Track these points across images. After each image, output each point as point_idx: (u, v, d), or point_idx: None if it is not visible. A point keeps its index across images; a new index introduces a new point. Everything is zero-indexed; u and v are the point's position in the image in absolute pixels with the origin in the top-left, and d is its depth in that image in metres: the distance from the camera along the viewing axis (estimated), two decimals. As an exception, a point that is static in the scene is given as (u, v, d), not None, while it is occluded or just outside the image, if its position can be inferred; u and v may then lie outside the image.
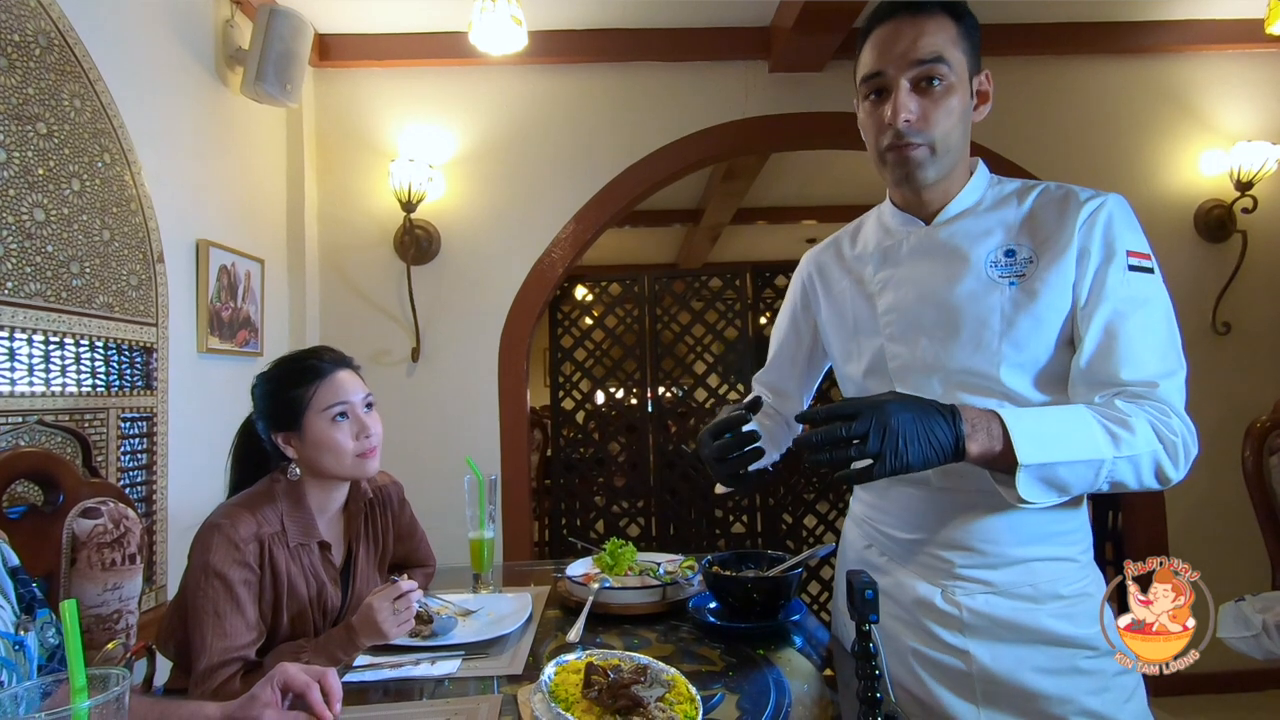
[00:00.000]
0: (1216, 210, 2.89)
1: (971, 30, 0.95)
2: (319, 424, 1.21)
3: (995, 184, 1.02)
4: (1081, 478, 0.83)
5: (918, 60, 0.92)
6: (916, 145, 0.94)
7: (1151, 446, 0.84)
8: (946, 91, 0.92)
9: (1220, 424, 2.75)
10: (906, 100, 0.92)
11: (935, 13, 0.93)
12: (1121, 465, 0.83)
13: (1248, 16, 2.78)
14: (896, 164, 0.96)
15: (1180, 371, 0.90)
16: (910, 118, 0.92)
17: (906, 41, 0.92)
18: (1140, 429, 0.84)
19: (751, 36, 2.84)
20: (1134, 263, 0.91)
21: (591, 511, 3.35)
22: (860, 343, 1.08)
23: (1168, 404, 0.87)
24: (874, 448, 0.77)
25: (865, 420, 0.78)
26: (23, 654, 0.74)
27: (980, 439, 0.82)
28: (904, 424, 0.79)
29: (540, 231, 2.86)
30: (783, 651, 1.09)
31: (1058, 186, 0.98)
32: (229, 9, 2.37)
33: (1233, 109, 2.95)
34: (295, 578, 1.20)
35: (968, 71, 0.94)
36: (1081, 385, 0.91)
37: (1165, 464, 0.85)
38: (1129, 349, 0.88)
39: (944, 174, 0.98)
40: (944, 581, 0.98)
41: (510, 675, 1.03)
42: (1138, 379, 0.88)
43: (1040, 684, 0.92)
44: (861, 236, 1.12)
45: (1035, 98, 2.95)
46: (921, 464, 0.79)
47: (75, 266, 1.62)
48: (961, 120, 0.95)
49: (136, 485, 1.82)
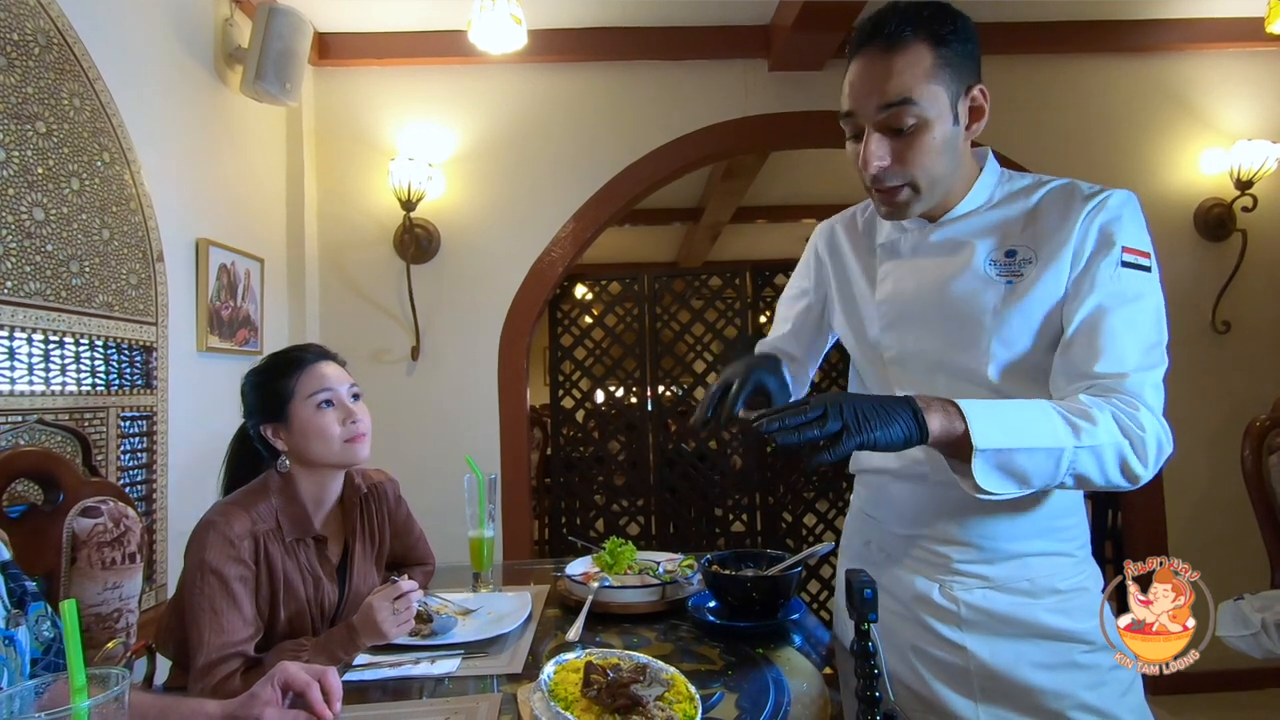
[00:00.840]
0: (1216, 209, 2.89)
1: (959, 52, 0.88)
2: (304, 411, 1.22)
3: (1005, 180, 1.00)
4: (1041, 467, 0.80)
5: (884, 104, 0.87)
6: (897, 188, 0.92)
7: (1114, 439, 0.81)
8: (919, 131, 0.88)
9: (1220, 422, 2.76)
10: (876, 148, 0.89)
11: (909, 44, 0.87)
12: (1083, 456, 0.80)
13: (1248, 15, 2.78)
14: (881, 203, 0.96)
15: (1158, 368, 0.87)
16: (882, 164, 0.90)
17: (875, 82, 0.88)
18: (1103, 420, 0.81)
19: (751, 35, 2.84)
20: (1128, 259, 0.89)
21: (591, 510, 3.35)
22: (860, 327, 1.08)
23: (1136, 397, 0.84)
24: (835, 424, 0.76)
25: (819, 404, 0.78)
26: (14, 649, 0.74)
27: (938, 416, 0.80)
28: (860, 405, 0.78)
29: (540, 230, 2.86)
30: (782, 650, 1.09)
31: (1066, 183, 0.96)
32: (228, 7, 2.37)
33: (1233, 107, 2.95)
34: (291, 573, 1.20)
35: (948, 101, 0.89)
36: (1060, 376, 0.90)
37: (1131, 459, 0.82)
38: (1109, 342, 0.86)
39: (935, 202, 0.96)
40: (941, 577, 0.98)
41: (510, 674, 1.03)
42: (1110, 371, 0.85)
43: (1037, 678, 0.92)
44: (875, 221, 1.10)
45: (1036, 96, 2.95)
46: (886, 438, 0.77)
47: (75, 265, 1.62)
48: (945, 150, 0.90)
49: (136, 484, 1.82)
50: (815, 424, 0.77)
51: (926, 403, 0.81)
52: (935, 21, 0.88)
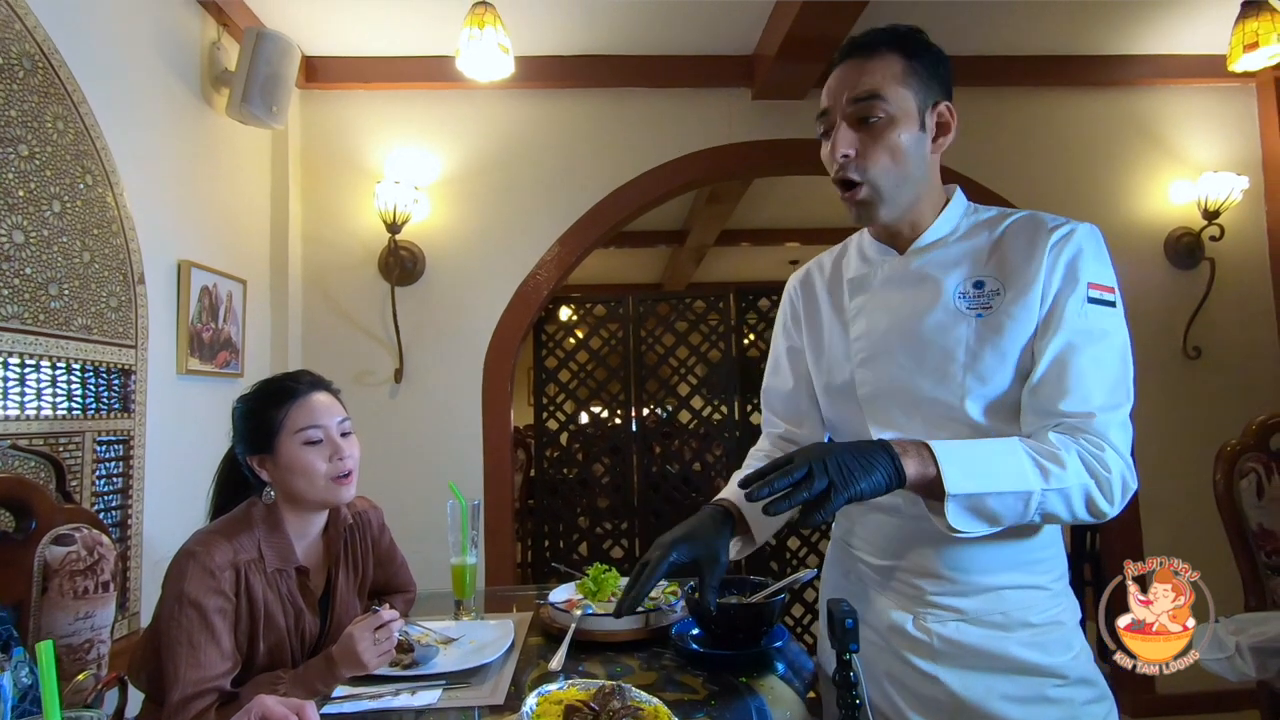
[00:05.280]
0: (1185, 238, 2.98)
1: (929, 66, 0.96)
2: (291, 447, 1.19)
3: (971, 213, 1.03)
4: (1010, 508, 0.84)
5: (854, 98, 0.95)
6: (859, 187, 0.96)
7: (1082, 480, 0.84)
8: (885, 126, 0.94)
9: (1192, 447, 2.81)
10: (844, 136, 0.96)
11: (882, 52, 0.95)
12: (1051, 497, 0.84)
13: (1213, 52, 2.89)
14: (848, 205, 1.00)
15: (1124, 406, 0.90)
16: (848, 151, 0.95)
17: (849, 80, 0.96)
18: (1070, 463, 0.84)
19: (735, 64, 2.90)
20: (1094, 295, 0.91)
21: (575, 533, 3.33)
22: (834, 367, 1.09)
23: (1103, 437, 0.87)
24: (821, 482, 0.80)
25: (803, 462, 0.81)
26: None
27: (913, 460, 0.83)
28: (841, 457, 0.82)
29: (525, 253, 2.88)
30: (765, 679, 1.09)
31: (1029, 215, 0.99)
32: (215, 31, 2.38)
33: (1199, 140, 3.05)
34: (272, 605, 1.18)
35: (916, 106, 0.95)
36: (1030, 413, 0.92)
37: (1097, 498, 0.85)
38: (1076, 381, 0.89)
39: (901, 212, 0.99)
40: (916, 608, 0.99)
41: (492, 705, 1.02)
42: (1077, 410, 0.88)
43: (1009, 712, 0.93)
44: (843, 262, 1.13)
45: (1011, 128, 3.03)
46: (870, 488, 0.81)
47: (54, 288, 1.60)
48: (910, 154, 0.95)
49: (111, 510, 1.78)
50: (803, 486, 0.80)
51: (902, 448, 0.84)
52: (908, 39, 0.97)
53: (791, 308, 1.20)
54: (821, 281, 1.15)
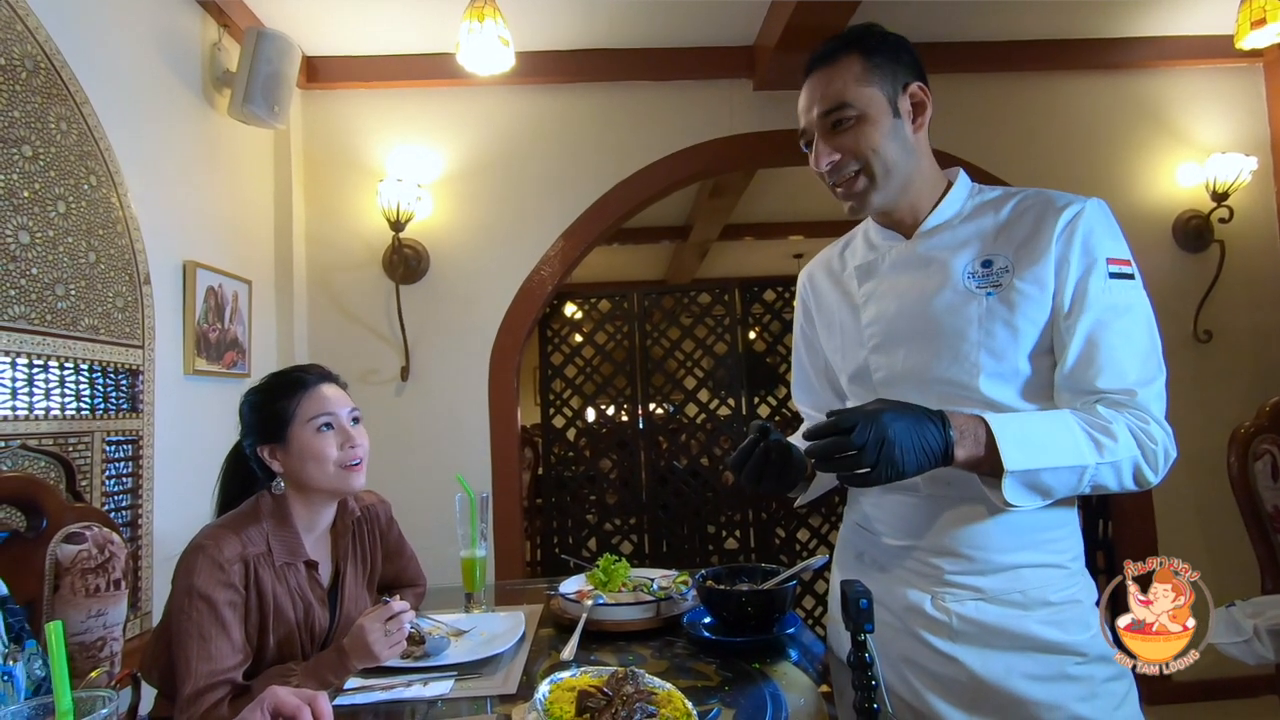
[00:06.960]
0: (1194, 221, 2.95)
1: (889, 56, 0.98)
2: (304, 434, 1.20)
3: (975, 194, 1.04)
4: (1065, 482, 0.87)
5: (824, 111, 0.98)
6: (853, 176, 0.99)
7: (1132, 453, 0.87)
8: (858, 123, 0.97)
9: (1205, 430, 2.78)
10: (823, 148, 0.99)
11: (841, 58, 0.98)
12: (1104, 470, 0.87)
13: (1219, 33, 2.86)
14: (844, 198, 1.03)
15: (1159, 378, 0.93)
16: (831, 160, 0.99)
17: (816, 94, 0.99)
18: (1122, 436, 0.87)
19: (736, 56, 2.88)
20: (1114, 270, 0.92)
21: (584, 529, 3.32)
22: (848, 354, 1.10)
23: (1146, 411, 0.90)
24: (870, 460, 0.81)
25: (862, 433, 0.81)
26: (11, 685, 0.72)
27: (968, 444, 0.85)
28: (899, 434, 0.82)
29: (529, 249, 2.87)
30: (778, 665, 1.08)
31: (1036, 193, 0.99)
32: (216, 32, 2.38)
33: (1206, 122, 3.02)
34: (281, 598, 1.18)
35: (884, 97, 0.97)
36: (1065, 392, 0.94)
37: (1144, 468, 0.89)
38: (1110, 358, 0.91)
39: (895, 197, 1.01)
40: (934, 588, 0.98)
41: (504, 695, 1.02)
42: (1117, 387, 0.91)
43: (1029, 690, 0.92)
44: (850, 251, 1.15)
45: (1016, 113, 3.01)
46: (915, 471, 0.83)
47: (60, 289, 1.61)
48: (890, 139, 0.97)
49: (121, 509, 1.79)
50: (851, 461, 0.82)
51: (960, 429, 0.85)
52: (864, 38, 0.99)
53: (803, 304, 1.22)
54: (830, 273, 1.16)
